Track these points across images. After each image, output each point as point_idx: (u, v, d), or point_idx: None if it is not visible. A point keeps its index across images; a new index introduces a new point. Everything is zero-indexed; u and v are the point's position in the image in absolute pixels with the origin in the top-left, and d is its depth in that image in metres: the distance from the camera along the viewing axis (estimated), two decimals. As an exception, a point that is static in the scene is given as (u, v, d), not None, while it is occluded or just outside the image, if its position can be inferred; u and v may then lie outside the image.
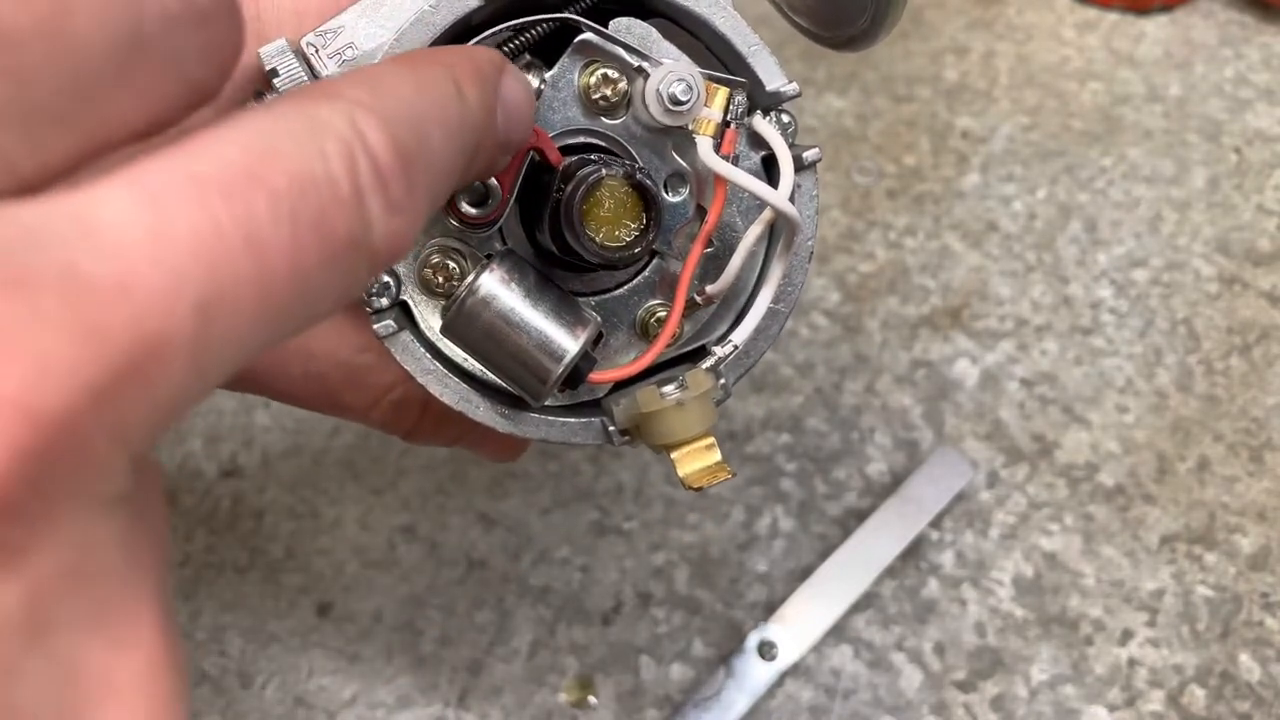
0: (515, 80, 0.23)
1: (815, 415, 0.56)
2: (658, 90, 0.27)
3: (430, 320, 0.30)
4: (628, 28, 0.28)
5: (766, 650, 0.48)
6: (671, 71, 0.27)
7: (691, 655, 0.49)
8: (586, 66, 0.28)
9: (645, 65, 0.28)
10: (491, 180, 0.27)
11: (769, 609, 0.49)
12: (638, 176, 0.27)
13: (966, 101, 0.69)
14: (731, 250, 0.29)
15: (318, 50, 0.27)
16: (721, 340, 0.30)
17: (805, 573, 0.50)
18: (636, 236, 0.27)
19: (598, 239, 0.27)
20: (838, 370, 0.57)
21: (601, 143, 0.29)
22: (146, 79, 0.16)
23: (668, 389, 0.28)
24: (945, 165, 0.66)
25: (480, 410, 0.30)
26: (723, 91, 0.28)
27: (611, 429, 0.30)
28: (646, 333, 0.31)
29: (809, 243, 0.30)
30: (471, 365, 0.30)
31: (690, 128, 0.28)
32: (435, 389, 0.29)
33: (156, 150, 0.16)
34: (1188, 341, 0.58)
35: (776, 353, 0.58)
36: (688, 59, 0.29)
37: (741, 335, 0.30)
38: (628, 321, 0.31)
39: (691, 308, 0.30)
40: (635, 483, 0.53)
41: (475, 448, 0.37)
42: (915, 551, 0.51)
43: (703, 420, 0.28)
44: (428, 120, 0.19)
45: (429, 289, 0.29)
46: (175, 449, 0.54)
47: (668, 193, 0.30)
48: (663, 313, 0.31)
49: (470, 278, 0.27)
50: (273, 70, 0.27)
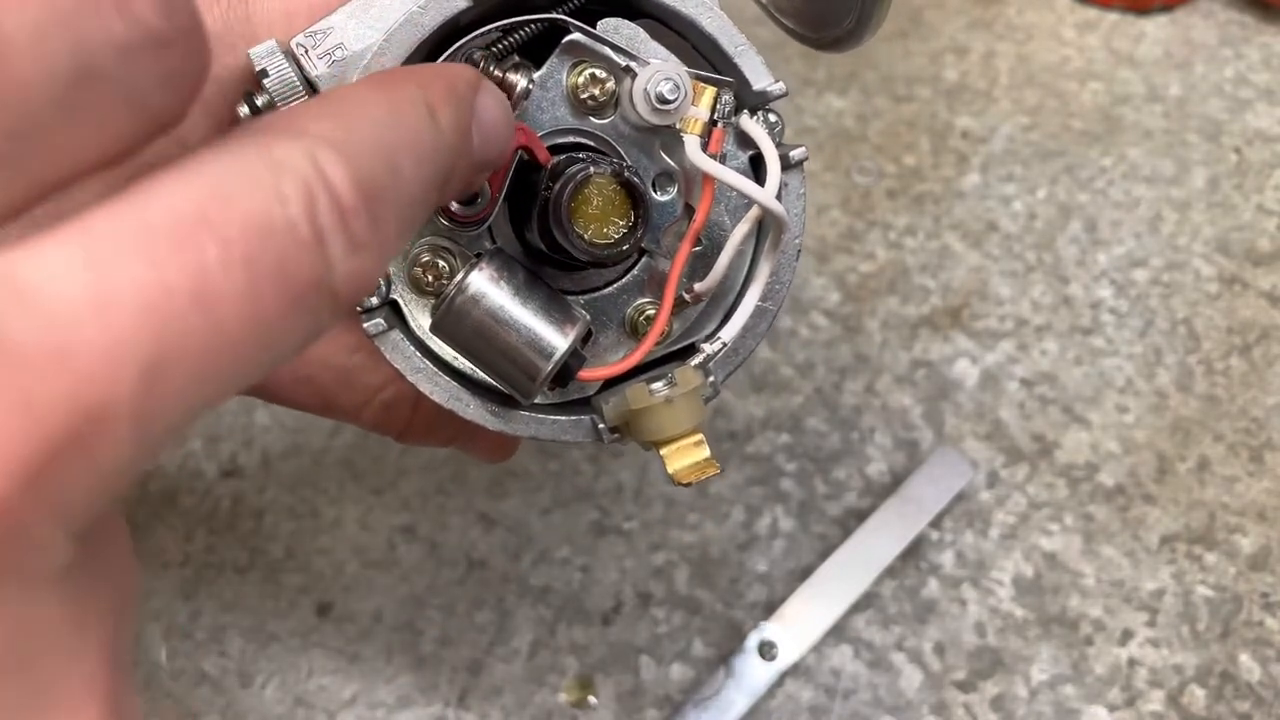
0: (490, 97, 0.23)
1: (815, 415, 0.56)
2: (645, 89, 0.28)
3: (420, 319, 0.30)
4: (615, 28, 0.28)
5: (766, 650, 0.48)
6: (659, 71, 0.27)
7: (691, 655, 0.49)
8: (575, 66, 0.29)
9: (633, 65, 0.28)
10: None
11: (769, 609, 0.49)
12: (625, 174, 0.27)
13: (966, 101, 0.69)
14: (719, 248, 0.29)
15: (307, 51, 0.27)
16: (710, 338, 0.30)
17: (805, 573, 0.50)
18: (624, 234, 0.27)
19: (586, 236, 0.27)
20: (838, 370, 0.57)
21: (590, 142, 0.29)
22: (98, 113, 0.15)
23: (657, 386, 0.29)
24: (945, 165, 0.66)
25: (470, 408, 0.30)
26: (710, 91, 0.28)
27: (601, 426, 0.30)
28: (635, 331, 0.31)
29: (797, 241, 0.30)
30: (461, 364, 0.30)
31: (678, 127, 0.28)
32: (425, 387, 0.29)
33: (105, 199, 0.15)
34: (1188, 341, 0.58)
35: (776, 353, 0.58)
36: (675, 59, 0.29)
37: (730, 333, 0.30)
38: (617, 320, 0.31)
39: (680, 306, 0.30)
40: (635, 483, 0.53)
41: (467, 448, 0.37)
42: (915, 551, 0.51)
43: (691, 417, 0.28)
44: (397, 149, 0.18)
45: (419, 288, 0.29)
46: (175, 449, 0.54)
47: (656, 191, 0.30)
48: (651, 311, 0.31)
49: (459, 276, 0.27)
50: (262, 71, 0.27)
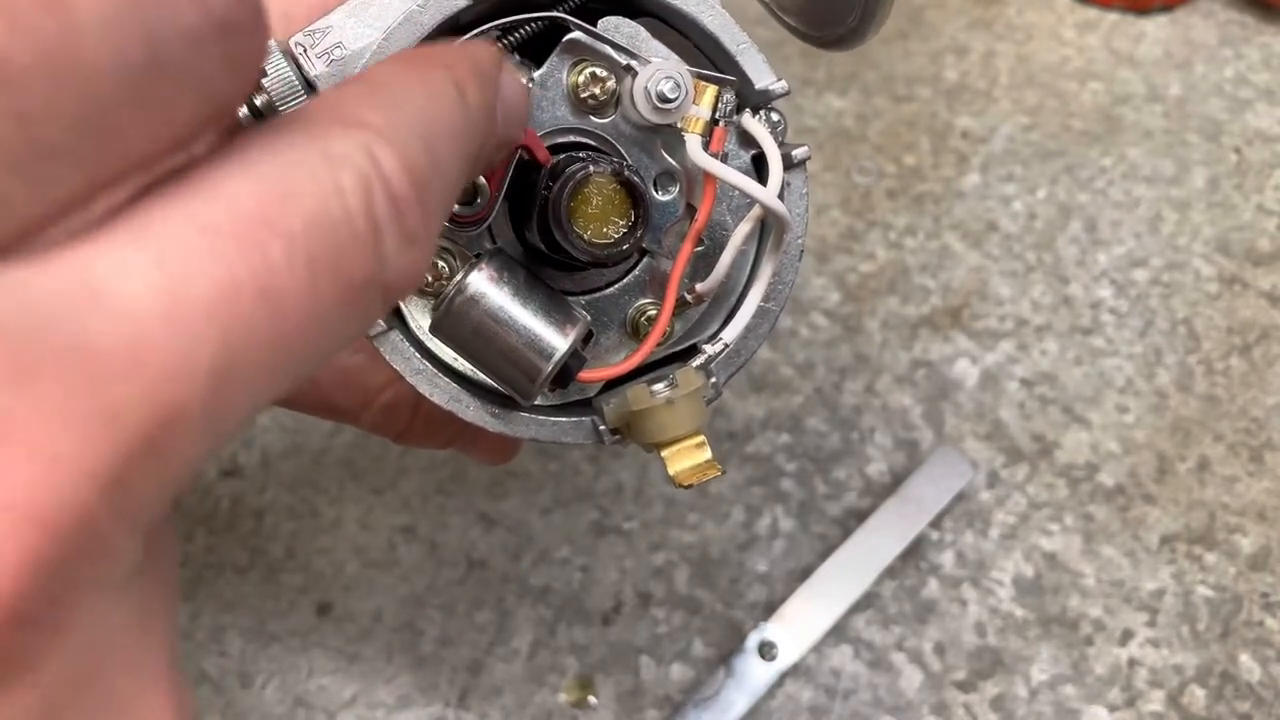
0: (511, 76, 0.23)
1: (815, 415, 0.56)
2: (646, 88, 0.27)
3: (420, 319, 0.30)
4: (616, 26, 0.28)
5: (766, 650, 0.48)
6: (660, 69, 0.27)
7: (691, 655, 0.49)
8: (575, 65, 0.28)
9: (633, 64, 0.28)
10: (480, 179, 0.27)
11: (769, 609, 0.49)
12: (625, 173, 0.27)
13: (966, 101, 0.69)
14: (721, 248, 0.29)
15: (306, 50, 0.27)
16: (712, 339, 0.30)
17: (805, 573, 0.50)
18: (625, 234, 0.27)
19: (585, 236, 0.27)
20: (838, 370, 0.57)
21: (590, 141, 0.29)
22: (164, 101, 0.14)
23: (658, 387, 0.28)
24: (945, 165, 0.66)
25: (470, 410, 0.30)
26: (711, 89, 0.28)
27: (602, 428, 0.30)
28: (637, 332, 0.31)
29: (799, 240, 0.30)
30: (461, 365, 0.30)
31: (679, 126, 0.28)
32: (425, 389, 0.29)
33: (162, 194, 0.14)
34: (1188, 341, 0.58)
35: (776, 352, 0.58)
36: (676, 57, 0.28)
37: (732, 333, 0.30)
38: (618, 320, 0.31)
39: (682, 306, 0.30)
40: (635, 483, 0.53)
41: (467, 450, 0.37)
42: (915, 551, 0.51)
43: (693, 418, 0.28)
44: (437, 134, 0.18)
45: (418, 288, 0.29)
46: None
47: (657, 191, 0.29)
48: (653, 311, 0.31)
49: (459, 276, 0.27)
50: (260, 70, 0.27)
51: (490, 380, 0.29)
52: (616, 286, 0.31)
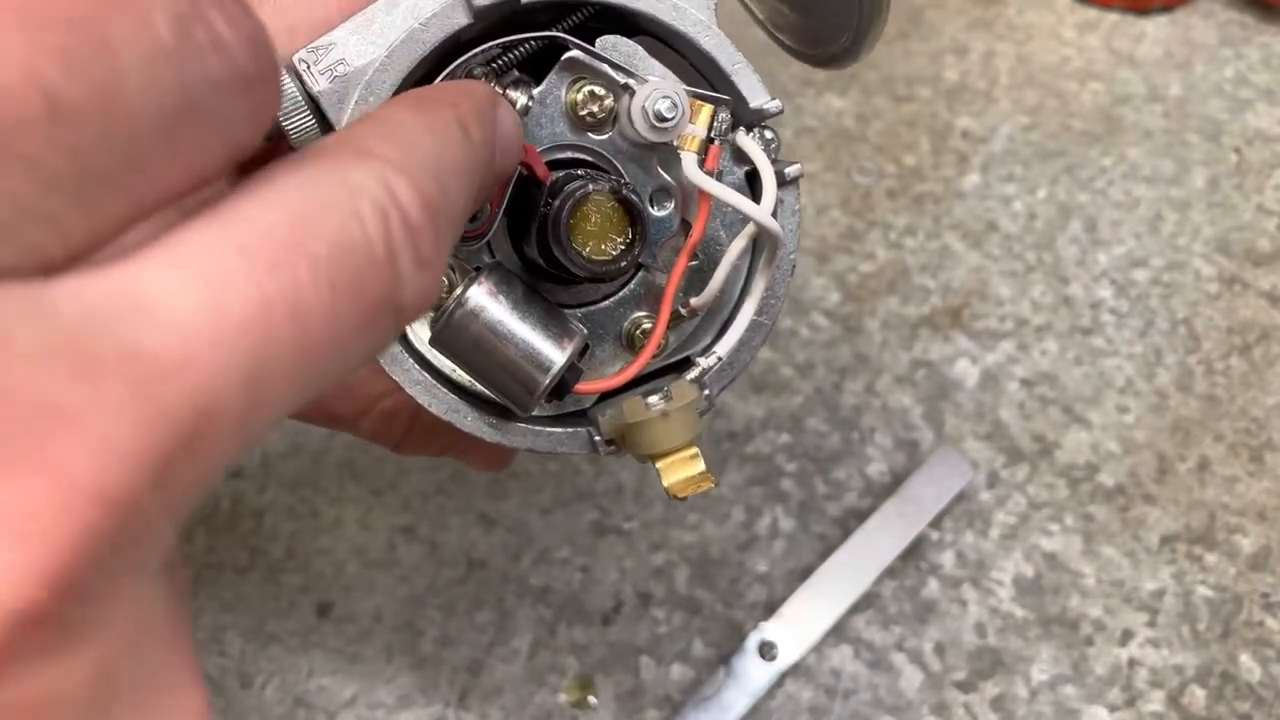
0: (506, 112, 0.25)
1: (815, 415, 0.56)
2: (643, 107, 0.28)
3: (419, 330, 0.30)
4: (614, 45, 0.29)
5: (766, 650, 0.48)
6: (657, 89, 0.28)
7: (691, 655, 0.49)
8: (574, 83, 0.29)
9: (631, 82, 0.28)
10: None
11: (769, 609, 0.49)
12: (624, 192, 0.27)
13: (966, 101, 0.69)
14: (715, 263, 0.30)
15: (309, 66, 0.27)
16: (706, 351, 0.31)
17: (805, 573, 0.50)
18: (623, 250, 0.27)
19: (585, 253, 0.27)
20: (838, 370, 0.57)
21: (588, 157, 0.30)
22: (194, 143, 0.16)
23: (653, 399, 0.29)
24: (945, 165, 0.66)
25: (468, 420, 0.30)
26: (707, 109, 0.28)
27: (597, 439, 0.30)
28: (632, 344, 0.31)
29: (791, 256, 0.31)
30: (460, 376, 0.30)
31: (675, 144, 0.28)
32: (424, 399, 0.30)
33: (197, 218, 0.16)
34: (1188, 341, 0.58)
35: (776, 352, 0.58)
36: (673, 76, 0.29)
37: (725, 347, 0.30)
38: (613, 333, 0.31)
39: (676, 320, 0.31)
40: (635, 483, 0.53)
41: (463, 457, 0.37)
42: (915, 551, 0.51)
43: (687, 431, 0.29)
44: (445, 168, 0.20)
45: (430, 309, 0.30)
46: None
47: (653, 206, 0.30)
48: (648, 324, 0.31)
49: (459, 290, 0.27)
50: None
51: (488, 391, 0.29)
52: (612, 299, 0.31)
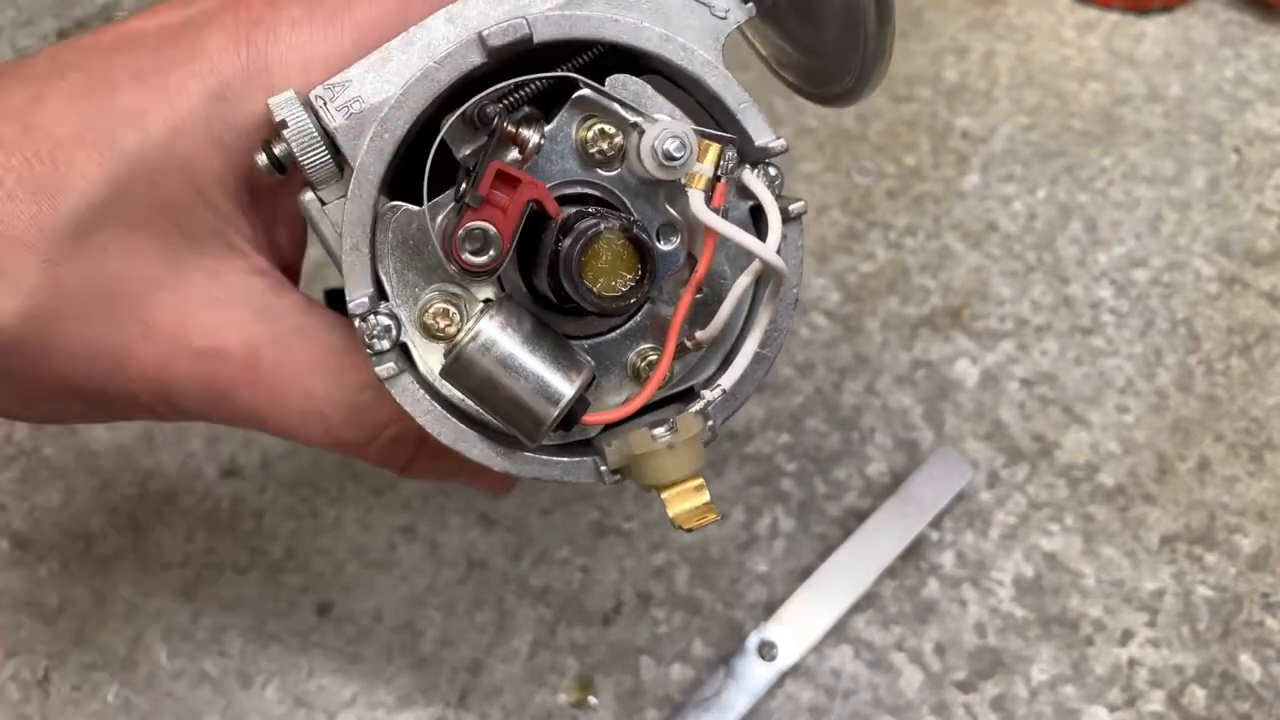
0: None
1: (815, 415, 0.56)
2: (653, 146, 0.28)
3: (429, 360, 0.30)
4: (623, 84, 0.29)
5: (766, 650, 0.48)
6: (666, 128, 0.28)
7: (691, 655, 0.49)
8: (584, 121, 0.29)
9: (640, 121, 0.29)
10: (491, 228, 0.28)
11: (769, 609, 0.49)
12: (634, 230, 0.28)
13: (966, 101, 0.69)
14: (720, 296, 0.30)
15: (326, 103, 0.28)
16: (709, 383, 0.31)
17: (805, 573, 0.50)
18: (632, 287, 0.28)
19: (595, 289, 0.28)
20: (838, 370, 0.57)
21: (597, 193, 0.30)
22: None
23: (659, 431, 0.29)
24: (945, 165, 0.66)
25: (476, 449, 0.31)
26: (714, 148, 0.29)
27: (603, 468, 0.31)
28: (638, 376, 0.32)
29: (794, 290, 0.31)
30: (468, 405, 0.31)
31: (683, 181, 0.29)
32: (433, 428, 0.30)
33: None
34: (1188, 341, 0.58)
35: (776, 353, 0.58)
36: (681, 114, 0.30)
37: (729, 379, 0.31)
38: (620, 365, 0.32)
39: (681, 352, 0.31)
40: (635, 483, 0.53)
41: (468, 483, 0.38)
42: (915, 551, 0.51)
43: (692, 462, 0.29)
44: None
45: (429, 333, 0.30)
46: (175, 450, 0.54)
47: (660, 241, 0.31)
48: (654, 356, 0.32)
49: (470, 324, 0.28)
50: (282, 121, 0.28)
51: (497, 422, 0.30)
52: (618, 332, 0.32)
